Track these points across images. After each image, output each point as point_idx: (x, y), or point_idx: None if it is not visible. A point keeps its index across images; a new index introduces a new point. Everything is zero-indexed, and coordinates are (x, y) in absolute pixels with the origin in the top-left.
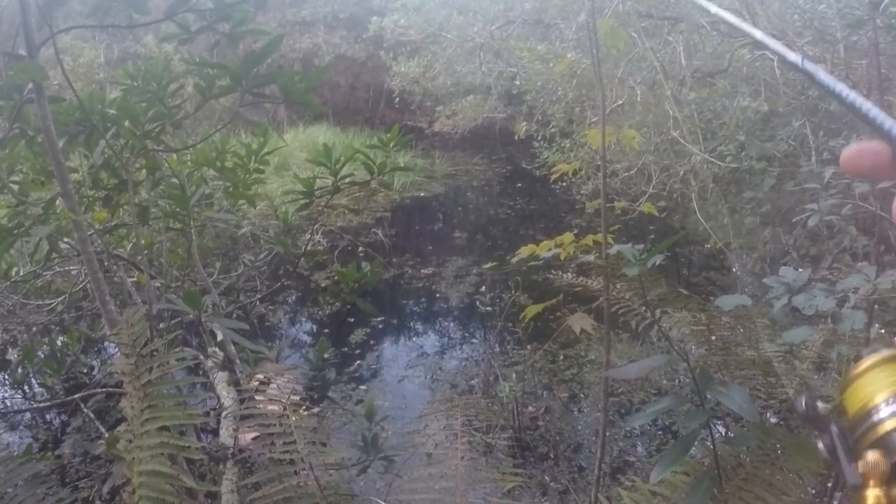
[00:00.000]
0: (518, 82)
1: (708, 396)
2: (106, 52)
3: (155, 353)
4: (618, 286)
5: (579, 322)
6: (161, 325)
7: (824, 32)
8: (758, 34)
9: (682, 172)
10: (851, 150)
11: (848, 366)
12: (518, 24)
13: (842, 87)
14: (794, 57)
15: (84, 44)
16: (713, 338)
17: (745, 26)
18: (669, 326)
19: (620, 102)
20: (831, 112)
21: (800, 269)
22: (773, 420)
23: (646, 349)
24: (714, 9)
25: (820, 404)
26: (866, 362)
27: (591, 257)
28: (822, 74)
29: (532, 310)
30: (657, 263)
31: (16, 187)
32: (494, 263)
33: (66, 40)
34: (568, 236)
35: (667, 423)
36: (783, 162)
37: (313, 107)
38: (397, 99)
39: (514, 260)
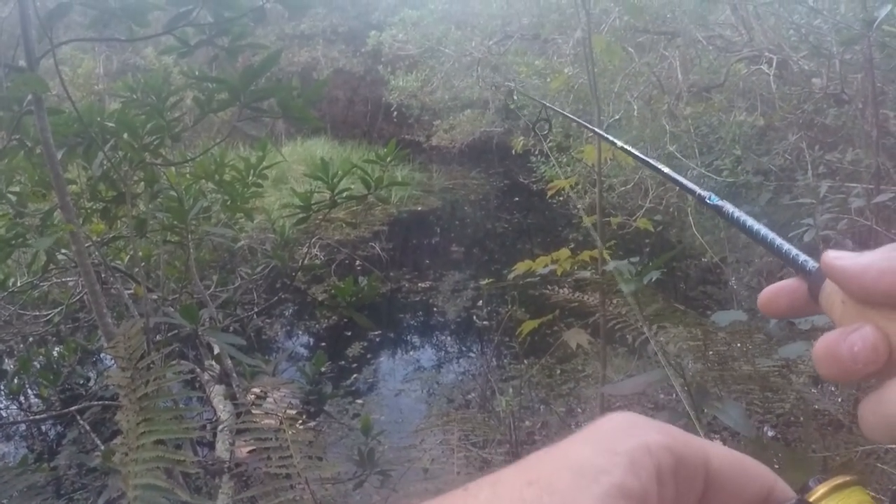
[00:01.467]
0: (516, 97)
1: (704, 411)
2: (105, 64)
3: (151, 366)
4: (614, 301)
5: (575, 337)
6: (158, 338)
7: (820, 47)
8: (665, 169)
9: (678, 187)
10: (768, 291)
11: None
12: (516, 39)
13: (752, 222)
14: (702, 193)
15: (83, 54)
16: (709, 353)
17: (653, 162)
18: (666, 341)
19: (617, 117)
20: (827, 126)
21: None
22: (770, 434)
23: (642, 364)
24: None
25: None
26: (816, 492)
27: (587, 273)
28: (730, 207)
29: (529, 325)
30: (653, 279)
31: (14, 198)
32: (491, 280)
33: (65, 50)
34: (564, 252)
35: None
36: (779, 176)
37: (311, 121)
38: (395, 113)
39: (511, 276)
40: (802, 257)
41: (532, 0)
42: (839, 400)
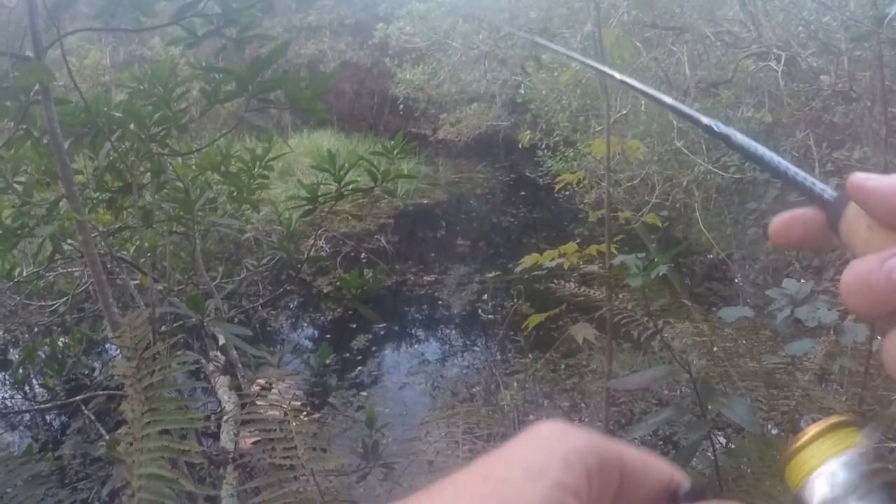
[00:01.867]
0: (523, 91)
1: (709, 407)
2: (112, 55)
3: (157, 356)
4: (620, 296)
5: (582, 332)
6: (163, 329)
7: (829, 44)
8: (667, 100)
9: (685, 183)
10: (782, 219)
11: (850, 378)
12: (524, 33)
13: (763, 150)
14: (707, 121)
15: (90, 45)
16: (714, 349)
17: (655, 93)
18: (671, 337)
19: (625, 112)
20: (835, 123)
21: (802, 281)
22: (775, 432)
23: (647, 360)
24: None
25: None
26: (807, 433)
27: (594, 267)
28: (739, 136)
29: (535, 319)
30: (660, 274)
31: (20, 188)
32: (498, 273)
33: (71, 41)
34: (571, 246)
35: (667, 433)
36: None
37: (319, 113)
38: (402, 106)
39: (518, 269)
40: (820, 185)
41: None
42: (844, 398)
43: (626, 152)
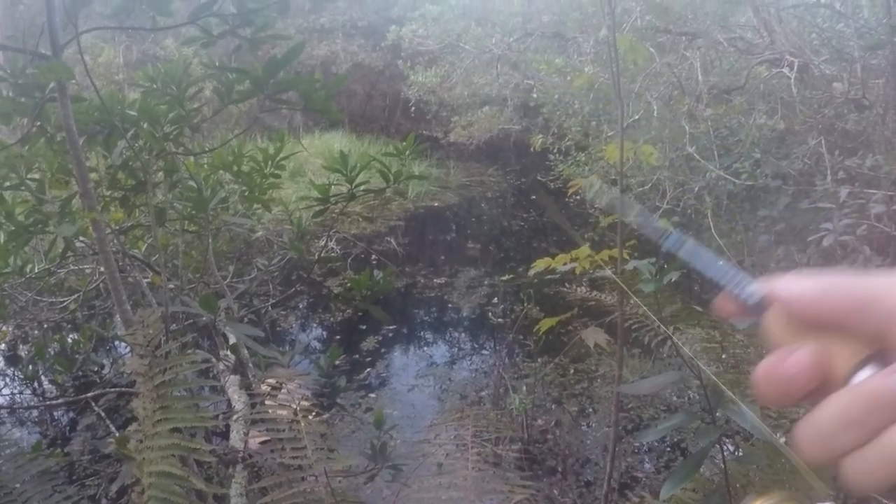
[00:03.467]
0: (535, 95)
1: (719, 414)
2: (125, 54)
3: (169, 354)
4: (631, 301)
5: (593, 336)
6: (174, 327)
7: (842, 51)
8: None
9: (696, 189)
10: (721, 301)
11: None
12: (536, 37)
13: (708, 256)
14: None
15: (103, 44)
16: (724, 356)
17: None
18: (682, 343)
19: (637, 117)
20: (847, 131)
21: None
22: (783, 440)
23: (657, 365)
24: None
25: None
26: None
27: (607, 272)
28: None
29: (546, 323)
30: (672, 280)
31: (33, 185)
32: (511, 276)
33: (85, 39)
34: (584, 250)
35: (675, 440)
36: (798, 180)
37: (333, 114)
38: (413, 108)
39: (531, 273)
40: (750, 288)
41: None
42: None
43: (639, 158)
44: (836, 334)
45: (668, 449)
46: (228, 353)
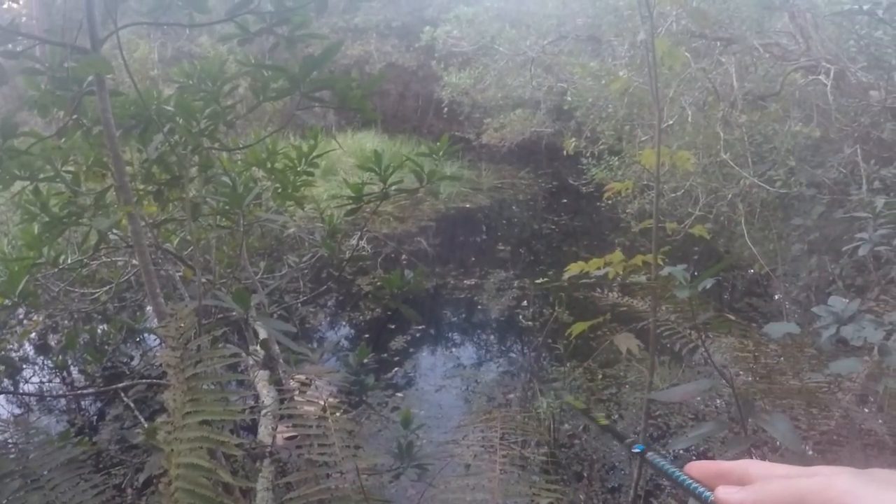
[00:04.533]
0: (569, 98)
1: (749, 422)
2: (160, 50)
3: (200, 348)
4: (663, 308)
5: (625, 342)
6: (206, 322)
7: (880, 59)
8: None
9: (729, 196)
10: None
11: (892, 401)
12: (570, 40)
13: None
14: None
15: (139, 40)
16: (754, 366)
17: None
18: (713, 351)
19: (671, 122)
20: (883, 140)
21: (848, 300)
22: (811, 453)
23: (687, 373)
24: None
25: None
26: None
27: (641, 278)
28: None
29: (578, 327)
30: (706, 287)
31: (69, 177)
32: (545, 279)
33: (122, 35)
34: (617, 255)
35: (701, 448)
36: (833, 189)
37: (368, 113)
38: (446, 109)
39: (565, 276)
40: (701, 490)
41: (588, 1)
42: (879, 421)
43: (675, 163)
44: None
45: (695, 458)
46: (258, 348)
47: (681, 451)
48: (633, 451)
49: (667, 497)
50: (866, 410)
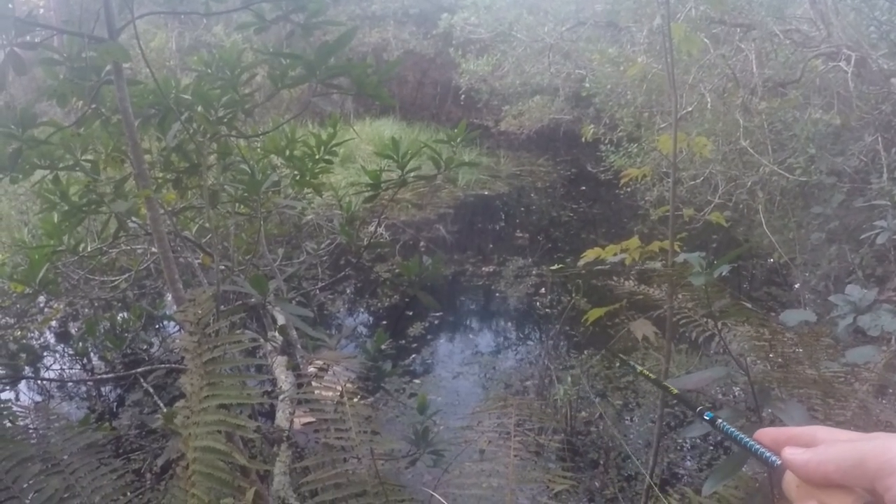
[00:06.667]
0: (587, 84)
1: (765, 411)
2: (177, 40)
3: (218, 332)
4: (679, 296)
5: (642, 328)
6: (224, 307)
7: None
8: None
9: (749, 183)
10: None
11: None
12: (589, 26)
13: (732, 430)
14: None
15: (156, 29)
16: (772, 354)
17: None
18: (730, 339)
19: (690, 109)
20: None
21: (865, 289)
22: None
23: (703, 361)
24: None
25: None
26: None
27: (657, 264)
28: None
29: (595, 313)
30: (723, 274)
31: (88, 166)
32: (562, 265)
33: (139, 25)
34: (634, 241)
35: (718, 437)
36: (853, 177)
37: (384, 99)
38: (464, 96)
39: (581, 263)
40: (770, 456)
41: None
42: None
43: (693, 150)
44: (838, 490)
45: (711, 447)
46: (276, 334)
47: (697, 440)
48: (704, 418)
49: (682, 485)
50: (883, 401)
